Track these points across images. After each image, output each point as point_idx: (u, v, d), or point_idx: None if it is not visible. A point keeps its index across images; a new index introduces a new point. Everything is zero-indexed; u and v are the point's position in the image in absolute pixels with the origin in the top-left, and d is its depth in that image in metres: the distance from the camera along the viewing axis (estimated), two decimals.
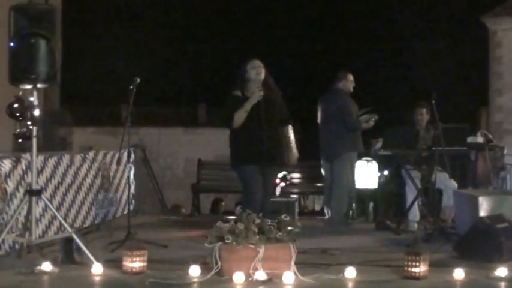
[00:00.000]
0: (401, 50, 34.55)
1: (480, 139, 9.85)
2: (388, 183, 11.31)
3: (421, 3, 34.60)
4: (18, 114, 6.59)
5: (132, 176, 9.49)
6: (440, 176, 9.08)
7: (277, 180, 10.95)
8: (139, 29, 33.61)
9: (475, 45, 29.79)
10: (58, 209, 7.76)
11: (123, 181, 9.97)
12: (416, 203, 9.29)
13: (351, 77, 10.02)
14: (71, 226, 7.27)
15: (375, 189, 11.00)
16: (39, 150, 7.03)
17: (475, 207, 7.93)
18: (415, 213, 9.36)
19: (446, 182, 9.34)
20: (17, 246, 6.98)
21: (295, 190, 12.06)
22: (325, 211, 10.18)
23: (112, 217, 9.59)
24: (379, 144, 10.00)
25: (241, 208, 7.50)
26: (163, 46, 34.20)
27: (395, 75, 33.87)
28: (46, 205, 7.06)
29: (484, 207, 7.91)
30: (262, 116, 7.48)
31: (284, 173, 11.10)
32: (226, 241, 6.10)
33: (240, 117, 7.48)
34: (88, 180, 8.83)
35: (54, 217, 7.56)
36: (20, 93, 6.63)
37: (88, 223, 8.80)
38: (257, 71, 7.56)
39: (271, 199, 9.78)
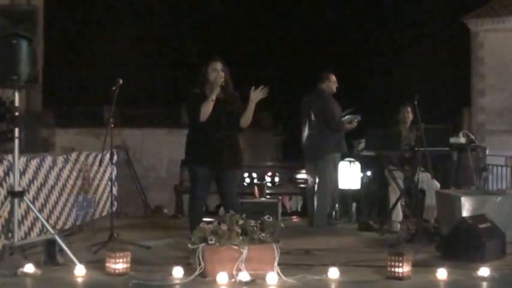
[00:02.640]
0: (385, 51, 34.68)
1: (462, 140, 9.88)
2: (371, 184, 11.32)
3: (403, 4, 34.73)
4: (0, 116, 6.57)
5: (114, 178, 9.46)
6: (423, 176, 9.11)
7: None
8: (121, 30, 33.54)
9: (457, 46, 29.94)
10: (40, 210, 7.71)
11: (105, 182, 9.93)
12: (399, 203, 9.32)
13: (333, 78, 10.02)
14: (54, 228, 7.24)
15: (358, 190, 11.01)
16: (22, 151, 6.99)
17: (458, 207, 7.97)
18: (398, 214, 9.39)
19: (428, 183, 9.37)
20: None
21: (278, 191, 12.03)
22: (309, 212, 10.20)
23: (93, 218, 9.55)
24: (362, 145, 10.02)
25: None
26: (146, 47, 34.15)
27: (378, 76, 33.99)
28: (28, 207, 7.02)
29: (467, 207, 7.95)
30: (215, 120, 7.45)
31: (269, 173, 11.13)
32: (210, 242, 6.09)
33: (206, 109, 7.40)
34: (70, 182, 8.79)
35: (36, 219, 7.52)
36: (2, 94, 6.60)
37: (70, 224, 8.77)
38: (217, 73, 7.53)
39: (251, 200, 9.86)
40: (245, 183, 11.82)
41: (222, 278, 5.94)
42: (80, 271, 6.28)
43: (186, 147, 7.78)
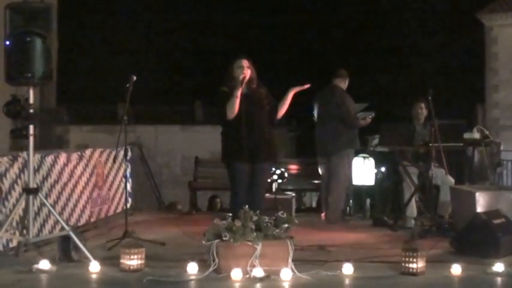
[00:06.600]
0: (398, 47, 34.57)
1: (476, 135, 9.83)
2: (385, 180, 11.31)
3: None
4: (14, 113, 6.60)
5: (128, 174, 9.48)
6: (437, 172, 9.09)
7: (275, 177, 10.93)
8: (136, 27, 33.59)
9: (471, 42, 29.81)
10: (54, 207, 7.74)
11: (120, 179, 9.96)
12: (413, 199, 9.30)
13: (347, 77, 10.06)
14: (68, 224, 7.27)
15: (372, 186, 11.00)
16: (36, 148, 7.03)
17: (472, 203, 7.93)
18: (412, 210, 9.37)
19: (443, 178, 9.34)
20: (10, 245, 6.98)
21: (292, 187, 12.02)
22: (323, 208, 10.19)
23: (107, 215, 9.58)
24: (376, 141, 10.00)
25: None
26: (160, 43, 34.18)
27: (392, 71, 33.89)
28: (42, 203, 7.05)
29: (481, 203, 7.91)
30: (244, 115, 7.46)
31: (282, 170, 11.04)
32: (224, 238, 6.10)
33: (231, 106, 7.41)
34: (84, 178, 8.83)
35: (49, 215, 7.56)
36: (16, 92, 6.63)
37: (84, 221, 8.80)
38: (242, 70, 7.56)
39: (268, 196, 9.80)
40: None
41: (236, 274, 5.95)
42: (94, 267, 6.31)
43: (222, 146, 7.81)
